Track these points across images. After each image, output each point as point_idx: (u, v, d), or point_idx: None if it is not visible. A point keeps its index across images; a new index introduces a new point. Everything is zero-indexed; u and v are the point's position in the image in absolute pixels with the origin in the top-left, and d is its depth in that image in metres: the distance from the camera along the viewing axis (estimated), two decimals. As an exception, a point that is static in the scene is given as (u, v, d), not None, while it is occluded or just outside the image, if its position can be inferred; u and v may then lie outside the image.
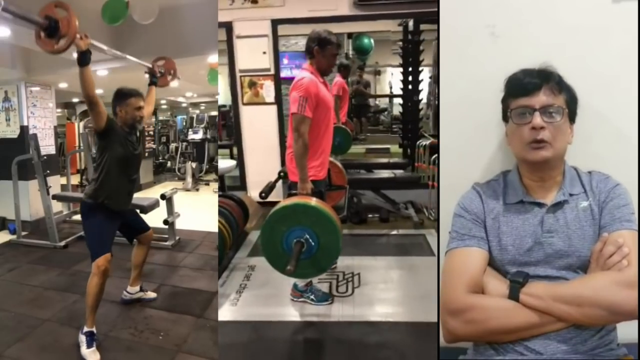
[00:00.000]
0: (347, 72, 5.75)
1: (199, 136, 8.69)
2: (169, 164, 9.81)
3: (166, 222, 4.16)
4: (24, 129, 4.74)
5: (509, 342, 1.40)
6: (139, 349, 2.39)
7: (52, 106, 5.20)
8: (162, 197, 4.15)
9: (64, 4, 2.04)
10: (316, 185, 2.46)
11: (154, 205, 3.99)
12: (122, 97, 2.52)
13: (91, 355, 2.27)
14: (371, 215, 4.54)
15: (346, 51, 8.43)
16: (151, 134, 9.54)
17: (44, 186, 4.17)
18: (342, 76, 5.43)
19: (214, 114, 10.11)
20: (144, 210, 3.70)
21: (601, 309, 1.33)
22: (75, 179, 6.98)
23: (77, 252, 4.03)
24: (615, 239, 1.38)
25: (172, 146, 10.16)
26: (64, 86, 5.61)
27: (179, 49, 3.25)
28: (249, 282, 3.13)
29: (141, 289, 2.95)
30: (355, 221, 4.41)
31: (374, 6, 4.53)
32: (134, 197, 2.78)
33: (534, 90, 1.43)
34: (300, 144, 2.34)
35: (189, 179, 7.79)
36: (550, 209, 1.47)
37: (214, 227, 3.59)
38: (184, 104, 11.54)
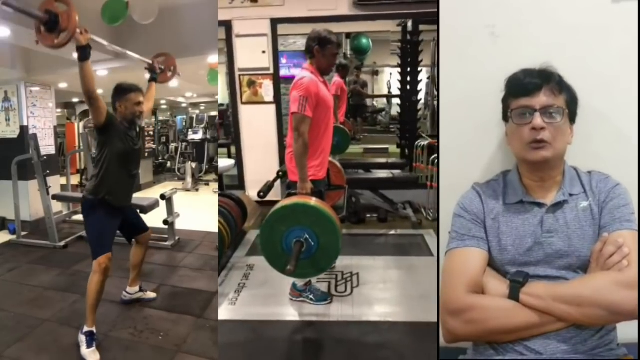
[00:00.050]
0: (346, 72, 5.76)
1: (198, 136, 8.70)
2: (168, 164, 9.81)
3: (166, 222, 4.16)
4: (23, 129, 4.73)
5: (508, 342, 1.40)
6: (139, 349, 2.38)
7: (52, 106, 5.19)
8: (162, 197, 4.15)
9: None
10: (316, 185, 2.46)
11: (153, 205, 3.98)
12: (121, 93, 2.51)
13: (91, 355, 2.27)
14: (369, 215, 4.55)
15: (344, 51, 8.44)
16: (151, 134, 9.54)
17: (44, 186, 4.17)
18: (340, 76, 5.43)
19: (213, 114, 10.12)
20: (144, 210, 3.70)
21: (601, 309, 1.32)
22: (75, 179, 6.98)
23: (77, 252, 4.04)
24: (615, 239, 1.38)
25: (172, 146, 10.16)
26: (64, 86, 5.61)
27: (178, 49, 3.25)
28: (248, 281, 3.12)
29: (140, 289, 2.95)
30: (353, 221, 4.41)
31: (374, 6, 4.54)
32: (134, 197, 2.78)
33: (534, 90, 1.43)
34: (300, 143, 2.34)
35: (189, 179, 7.79)
36: (550, 209, 1.46)
37: (213, 227, 3.59)
38: (184, 104, 11.55)
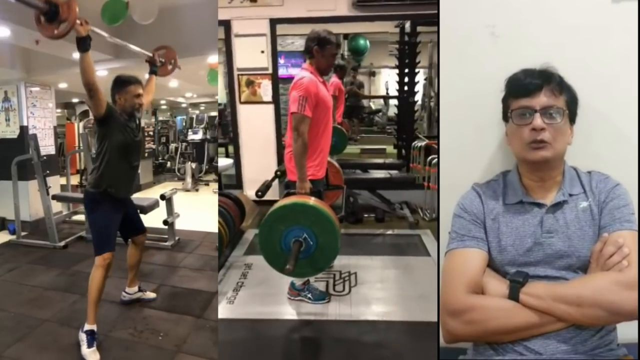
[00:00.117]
0: (343, 72, 5.77)
1: (198, 136, 8.71)
2: (168, 164, 9.81)
3: (166, 222, 4.16)
4: (23, 129, 4.73)
5: (508, 343, 1.40)
6: (139, 349, 2.38)
7: (51, 106, 5.19)
8: (162, 197, 4.15)
9: None
10: (314, 184, 2.46)
11: (153, 205, 3.98)
12: (121, 85, 2.50)
13: (91, 355, 2.27)
14: (367, 215, 4.55)
15: (342, 52, 8.46)
16: (151, 134, 9.55)
17: (44, 186, 4.16)
18: (338, 76, 5.43)
19: (213, 114, 10.13)
20: (144, 210, 3.69)
21: (601, 309, 1.32)
22: (75, 179, 6.98)
23: (77, 252, 4.04)
24: (615, 240, 1.38)
25: (172, 146, 10.16)
26: (63, 86, 5.61)
27: (178, 49, 3.25)
28: (246, 280, 3.12)
29: (140, 289, 2.94)
30: (351, 221, 4.41)
31: (373, 7, 4.54)
32: (134, 197, 2.78)
33: (534, 91, 1.43)
34: (299, 143, 2.34)
35: (189, 180, 7.79)
36: (549, 209, 1.46)
37: (213, 228, 3.59)
38: (184, 105, 11.56)
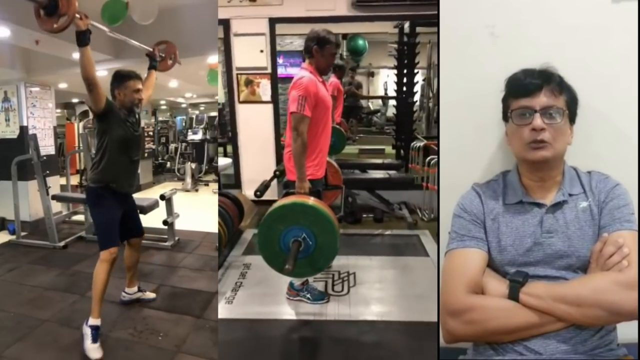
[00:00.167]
0: (342, 72, 5.76)
1: (198, 137, 8.71)
2: (168, 164, 9.81)
3: (165, 222, 4.16)
4: (23, 129, 4.74)
5: (508, 342, 1.40)
6: (139, 349, 2.38)
7: (51, 106, 5.20)
8: (162, 197, 4.14)
9: None
10: (314, 184, 2.45)
11: (153, 205, 3.98)
12: (120, 80, 2.49)
13: (95, 351, 2.26)
14: (366, 215, 4.55)
15: (340, 52, 8.46)
16: (151, 134, 9.55)
17: (44, 186, 4.17)
18: (337, 76, 5.43)
19: (213, 114, 10.13)
20: (144, 210, 3.69)
21: (601, 310, 1.32)
22: (74, 180, 6.98)
23: (77, 252, 4.04)
24: (615, 239, 1.38)
25: (172, 147, 10.16)
26: (63, 86, 5.61)
27: (178, 49, 3.25)
28: (245, 280, 3.12)
29: (139, 289, 2.94)
30: (350, 221, 4.41)
31: (372, 7, 4.53)
32: (134, 197, 2.78)
33: (534, 91, 1.43)
34: (299, 143, 2.34)
35: (189, 180, 7.79)
36: (549, 209, 1.46)
37: (213, 228, 3.59)
38: (184, 105, 11.57)
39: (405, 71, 5.49)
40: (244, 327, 2.56)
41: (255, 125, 4.96)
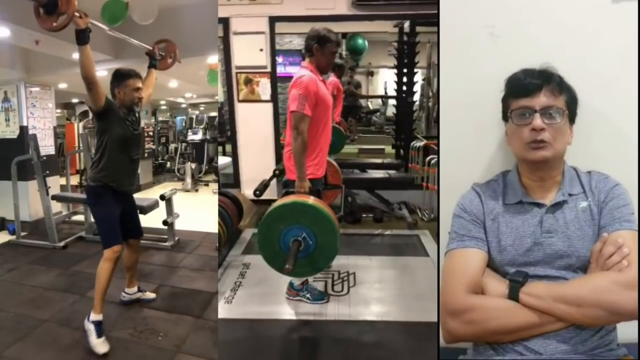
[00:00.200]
0: (342, 71, 5.76)
1: (198, 137, 8.71)
2: (168, 164, 9.81)
3: (165, 222, 4.16)
4: (23, 130, 4.74)
5: (508, 342, 1.40)
6: (138, 349, 2.38)
7: (51, 106, 5.20)
8: (162, 197, 4.14)
9: None
10: (314, 183, 2.45)
11: (153, 205, 3.98)
12: (120, 78, 2.49)
13: (101, 345, 2.26)
14: (365, 215, 4.55)
15: (340, 51, 8.45)
16: (150, 134, 9.54)
17: (44, 186, 4.17)
18: (336, 76, 5.43)
19: (213, 114, 10.13)
20: (144, 210, 3.69)
21: (601, 309, 1.32)
22: (74, 180, 6.98)
23: (77, 252, 4.04)
24: (615, 239, 1.38)
25: (172, 147, 10.16)
26: (63, 86, 5.61)
27: (178, 49, 3.25)
28: (244, 279, 3.12)
29: (139, 289, 2.94)
30: (349, 221, 4.41)
31: (372, 6, 4.53)
32: (134, 197, 2.78)
33: (534, 91, 1.43)
34: (299, 142, 2.34)
35: (189, 180, 7.79)
36: (549, 209, 1.46)
37: (213, 228, 3.59)
38: (184, 105, 11.57)
39: (405, 71, 5.49)
40: (243, 327, 2.55)
41: (254, 124, 4.95)
